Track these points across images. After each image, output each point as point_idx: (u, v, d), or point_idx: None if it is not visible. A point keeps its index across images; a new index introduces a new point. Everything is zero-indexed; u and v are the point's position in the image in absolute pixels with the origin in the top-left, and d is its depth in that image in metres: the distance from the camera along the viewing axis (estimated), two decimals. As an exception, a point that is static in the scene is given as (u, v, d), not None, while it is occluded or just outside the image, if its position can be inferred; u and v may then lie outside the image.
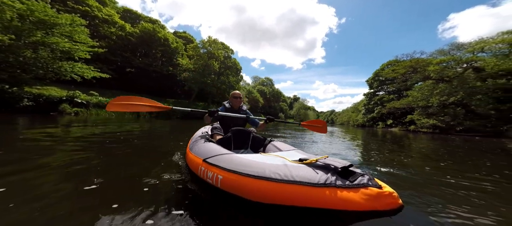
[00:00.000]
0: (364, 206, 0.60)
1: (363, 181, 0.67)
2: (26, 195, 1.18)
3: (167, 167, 1.89)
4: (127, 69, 18.57)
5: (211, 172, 1.02)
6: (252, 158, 1.05)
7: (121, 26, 18.64)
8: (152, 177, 1.56)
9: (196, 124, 11.55)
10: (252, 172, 0.84)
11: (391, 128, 24.11)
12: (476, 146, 6.04)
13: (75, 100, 10.11)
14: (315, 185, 0.70)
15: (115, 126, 6.04)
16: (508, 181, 2.18)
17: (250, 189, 0.80)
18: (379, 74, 30.03)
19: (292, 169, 0.80)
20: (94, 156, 2.21)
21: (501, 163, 3.37)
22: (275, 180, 0.76)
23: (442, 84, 15.74)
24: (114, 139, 3.59)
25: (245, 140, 1.98)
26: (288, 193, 0.72)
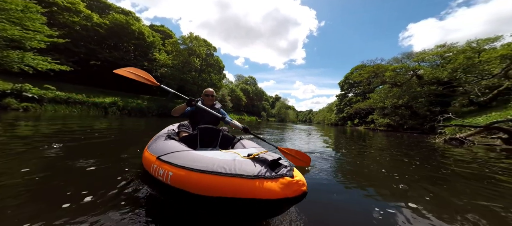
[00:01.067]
0: (279, 194, 0.66)
1: (283, 171, 0.74)
2: None
3: (121, 167, 1.77)
4: (92, 62, 16.94)
5: (163, 169, 1.01)
6: (207, 154, 1.07)
7: (87, 16, 16.90)
8: (101, 178, 1.49)
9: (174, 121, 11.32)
10: (200, 167, 0.86)
11: (358, 126, 27.02)
12: (411, 141, 7.35)
13: (24, 94, 8.97)
14: (249, 177, 0.75)
15: (74, 124, 5.38)
16: (415, 162, 3.16)
17: (197, 183, 0.82)
18: (349, 77, 33.16)
19: (238, 163, 0.84)
20: (34, 158, 1.94)
21: (415, 151, 4.54)
22: (220, 174, 0.79)
23: (395, 88, 18.35)
24: (68, 138, 3.07)
25: (213, 138, 1.94)
26: (229, 185, 0.75)
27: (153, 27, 32.94)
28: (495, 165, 2.97)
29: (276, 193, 0.67)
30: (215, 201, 0.79)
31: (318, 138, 6.68)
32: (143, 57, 22.87)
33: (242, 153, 1.10)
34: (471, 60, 14.49)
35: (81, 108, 11.28)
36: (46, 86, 10.65)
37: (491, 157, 3.71)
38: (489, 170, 2.63)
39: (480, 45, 15.75)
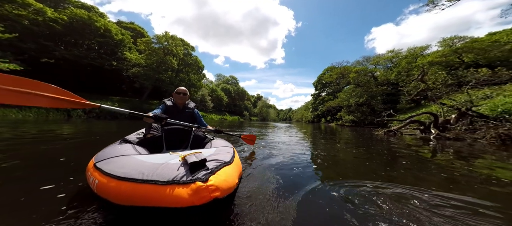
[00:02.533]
0: (185, 202, 0.60)
1: (199, 175, 0.68)
2: None
3: (66, 177, 1.56)
4: (43, 59, 15.08)
5: (93, 177, 0.92)
6: (144, 158, 0.99)
7: (39, 9, 14.95)
8: (37, 189, 1.30)
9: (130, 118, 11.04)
10: (121, 174, 0.79)
11: (330, 123, 29.87)
12: (364, 133, 9.19)
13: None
14: (162, 183, 0.68)
15: (28, 128, 4.79)
16: (358, 147, 4.01)
17: (114, 191, 0.75)
18: (321, 78, 36.34)
19: (163, 167, 0.78)
20: None
21: (363, 140, 5.82)
22: (136, 181, 0.72)
23: (358, 88, 21.12)
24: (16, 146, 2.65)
25: (183, 139, 1.84)
26: (141, 193, 0.69)
27: (121, 24, 30.47)
28: (414, 146, 4.30)
29: (183, 201, 0.61)
30: (131, 210, 0.72)
31: (296, 133, 7.59)
32: (111, 56, 21.16)
33: (185, 153, 1.00)
34: (410, 64, 17.88)
35: (37, 111, 10.17)
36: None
37: (411, 144, 5.16)
38: (410, 150, 3.86)
39: (416, 52, 19.49)
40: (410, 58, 18.70)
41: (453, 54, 14.89)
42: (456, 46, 16.79)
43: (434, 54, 16.24)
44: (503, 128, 4.67)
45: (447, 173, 2.22)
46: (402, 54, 20.56)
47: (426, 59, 16.04)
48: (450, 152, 3.68)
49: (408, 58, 18.79)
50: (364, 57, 24.91)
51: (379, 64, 22.04)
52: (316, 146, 4.23)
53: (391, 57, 20.88)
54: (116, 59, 21.33)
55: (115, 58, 21.33)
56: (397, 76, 18.28)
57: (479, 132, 5.27)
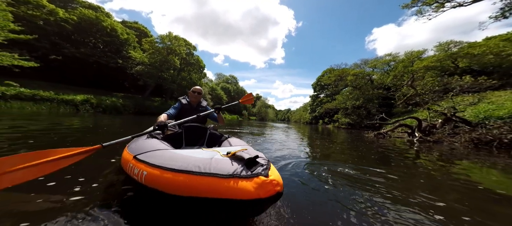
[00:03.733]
0: (251, 195, 0.64)
1: (258, 170, 0.72)
2: None
3: (98, 167, 1.73)
4: (52, 56, 15.73)
5: (138, 169, 0.98)
6: (185, 152, 1.04)
7: (51, 10, 15.60)
8: (78, 179, 1.43)
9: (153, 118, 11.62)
10: (174, 166, 0.83)
11: (328, 125, 30.36)
12: (358, 135, 9.80)
13: (-15, 91, 8.42)
14: (224, 176, 0.72)
15: (45, 122, 5.16)
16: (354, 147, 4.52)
17: (170, 182, 0.79)
18: (320, 80, 36.81)
19: (215, 162, 0.81)
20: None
21: (357, 142, 6.42)
22: (194, 173, 0.76)
23: (355, 91, 21.57)
24: (40, 137, 2.91)
25: (200, 137, 1.93)
26: (203, 185, 0.72)
27: (126, 23, 31.07)
28: (401, 147, 4.84)
29: (250, 193, 0.65)
30: (189, 201, 0.76)
31: (294, 135, 7.84)
32: (116, 54, 21.77)
33: (222, 151, 1.07)
34: (407, 68, 18.34)
35: (50, 105, 10.76)
36: (8, 82, 9.92)
37: (398, 145, 5.71)
38: (398, 149, 4.38)
39: (413, 56, 19.93)
40: (407, 62, 19.14)
41: (448, 59, 15.34)
42: (451, 51, 17.22)
43: (429, 59, 16.66)
44: (475, 133, 5.19)
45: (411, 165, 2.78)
46: (400, 58, 21.01)
47: (422, 63, 16.45)
48: (424, 152, 4.24)
49: (404, 62, 19.24)
50: (362, 60, 25.41)
51: (376, 68, 22.52)
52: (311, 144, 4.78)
53: (388, 60, 21.36)
54: (121, 57, 21.94)
55: (120, 56, 21.95)
56: (393, 80, 18.77)
57: (457, 137, 5.79)
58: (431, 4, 7.36)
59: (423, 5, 7.54)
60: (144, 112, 17.74)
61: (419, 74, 15.43)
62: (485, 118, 6.65)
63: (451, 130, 6.70)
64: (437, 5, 7.27)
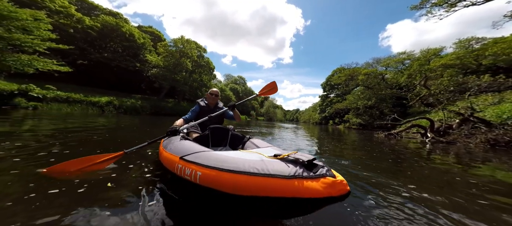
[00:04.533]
0: (322, 193, 0.68)
1: (322, 171, 0.76)
2: None
3: (138, 165, 1.84)
4: (79, 61, 17.31)
5: (189, 169, 1.04)
6: (231, 154, 1.10)
7: (79, 19, 17.20)
8: (123, 175, 1.54)
9: (167, 119, 12.43)
10: (231, 168, 0.88)
11: (338, 125, 29.80)
12: (369, 136, 9.77)
13: (30, 94, 9.63)
14: (286, 177, 0.76)
15: (81, 120, 6.02)
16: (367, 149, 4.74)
17: (230, 183, 0.84)
18: (330, 79, 36.20)
19: (268, 163, 0.85)
20: (58, 151, 2.09)
21: (368, 142, 6.57)
22: (253, 174, 0.81)
23: (367, 91, 21.06)
24: (83, 133, 3.46)
25: (223, 138, 2.00)
26: (264, 185, 0.76)
27: (142, 28, 32.89)
28: (414, 148, 4.99)
29: (320, 192, 0.68)
30: (251, 200, 0.80)
31: (303, 135, 7.97)
32: (134, 58, 23.25)
33: (265, 153, 1.13)
34: (423, 67, 17.58)
35: (80, 107, 11.96)
36: (47, 86, 11.21)
37: (410, 146, 5.78)
38: (410, 150, 4.51)
39: (430, 54, 19.02)
40: (423, 61, 18.34)
41: (470, 56, 14.47)
42: (473, 48, 16.25)
43: (448, 57, 15.86)
44: (492, 134, 5.10)
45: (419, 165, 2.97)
46: (415, 56, 20.16)
47: (440, 62, 15.71)
48: (437, 152, 4.32)
49: (420, 61, 18.45)
50: (374, 59, 24.70)
51: (390, 66, 21.77)
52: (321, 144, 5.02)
53: (402, 59, 20.57)
54: (138, 61, 23.40)
55: (137, 60, 23.41)
56: (407, 79, 18.08)
57: (473, 137, 5.69)
58: (441, 4, 7.19)
59: (433, 6, 7.38)
60: (159, 113, 18.85)
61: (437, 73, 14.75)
62: (508, 118, 6.39)
63: (468, 131, 6.55)
64: (449, 5, 7.09)
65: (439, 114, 9.36)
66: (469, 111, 6.85)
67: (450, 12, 7.29)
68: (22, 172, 1.51)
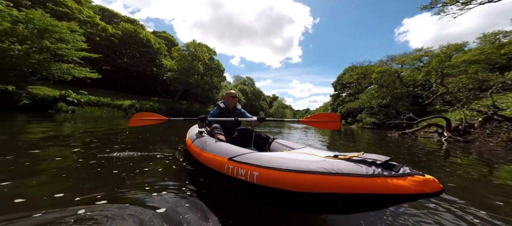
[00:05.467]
0: (414, 190, 0.68)
1: (406, 171, 0.74)
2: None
3: (177, 167, 1.93)
4: (103, 67, 18.92)
5: (243, 169, 1.06)
6: (281, 155, 1.12)
7: (103, 27, 18.83)
8: (164, 174, 1.65)
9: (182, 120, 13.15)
10: (293, 168, 0.88)
11: (350, 125, 29.05)
12: (383, 135, 9.71)
13: (67, 99, 10.92)
14: (364, 175, 0.74)
15: (112, 122, 6.73)
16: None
17: (297, 182, 0.84)
18: (341, 78, 35.39)
19: (335, 163, 0.84)
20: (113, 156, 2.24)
21: (383, 141, 6.51)
22: (323, 173, 0.79)
23: (382, 89, 20.44)
24: (120, 134, 3.88)
25: (248, 139, 2.06)
26: (339, 183, 0.76)
27: (156, 33, 34.73)
28: (431, 147, 5.05)
29: (409, 189, 0.68)
30: (323, 197, 0.79)
31: (315, 134, 8.18)
32: (151, 63, 24.75)
33: (321, 154, 1.16)
34: (443, 63, 16.68)
35: (107, 110, 13.19)
36: (81, 91, 12.55)
37: (427, 146, 5.81)
38: (427, 149, 4.64)
39: (450, 50, 17.99)
40: (443, 57, 17.40)
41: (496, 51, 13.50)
42: (500, 43, 15.14)
43: (471, 52, 14.92)
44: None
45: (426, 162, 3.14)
46: (433, 53, 19.18)
47: (462, 58, 14.82)
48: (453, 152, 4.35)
49: (440, 57, 17.53)
50: (388, 56, 23.84)
51: (405, 64, 20.89)
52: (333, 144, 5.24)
53: (419, 56, 19.66)
54: (155, 65, 24.87)
55: (154, 64, 24.90)
56: (425, 77, 17.27)
57: (495, 136, 5.52)
58: (453, 3, 6.94)
59: (445, 5, 7.15)
60: (174, 114, 19.95)
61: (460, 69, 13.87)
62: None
63: (490, 130, 6.33)
64: (463, 2, 6.83)
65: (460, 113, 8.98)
66: (491, 110, 6.59)
67: (465, 10, 7.05)
68: (88, 156, 2.13)
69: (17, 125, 4.76)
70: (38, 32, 8.59)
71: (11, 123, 5.05)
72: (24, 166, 1.72)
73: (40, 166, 1.77)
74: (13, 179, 1.44)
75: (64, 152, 2.32)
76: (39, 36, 8.69)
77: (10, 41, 7.75)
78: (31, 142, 2.83)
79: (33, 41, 8.50)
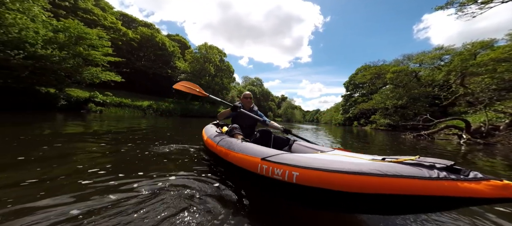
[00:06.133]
0: (492, 194, 0.65)
1: (478, 175, 0.70)
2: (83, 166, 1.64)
3: (205, 165, 2.03)
4: (124, 69, 20.35)
5: (279, 169, 1.07)
6: (317, 156, 1.13)
7: (124, 32, 20.34)
8: (193, 172, 1.73)
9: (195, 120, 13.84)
10: (340, 169, 0.87)
11: (363, 126, 28.05)
12: (397, 137, 9.42)
13: (95, 100, 12.07)
14: (428, 178, 0.71)
15: (134, 121, 7.29)
16: None
17: (347, 183, 0.83)
18: (353, 78, 34.35)
19: (388, 166, 0.82)
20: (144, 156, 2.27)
21: (398, 142, 6.52)
22: (379, 175, 0.78)
23: (397, 89, 19.62)
24: (145, 133, 4.19)
25: (267, 140, 2.09)
26: (398, 185, 0.74)
27: (170, 36, 36.39)
28: (450, 150, 4.96)
29: (485, 193, 0.66)
30: (380, 198, 0.78)
31: (326, 136, 8.00)
32: (166, 65, 26.09)
33: (364, 157, 1.16)
34: (467, 62, 15.58)
35: (129, 110, 14.27)
36: (106, 93, 13.75)
37: (444, 148, 5.70)
38: (445, 152, 4.48)
39: (475, 47, 16.72)
40: (467, 55, 16.24)
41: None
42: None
43: (500, 50, 13.79)
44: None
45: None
46: (455, 51, 17.96)
47: (489, 56, 13.75)
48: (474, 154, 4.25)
49: (463, 55, 16.37)
50: (404, 55, 22.70)
51: (424, 63, 19.79)
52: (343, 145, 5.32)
53: (439, 54, 18.53)
54: (170, 67, 26.18)
55: (169, 67, 26.21)
56: (447, 76, 16.26)
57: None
58: (472, 3, 6.54)
59: (462, 5, 6.77)
60: (187, 114, 20.91)
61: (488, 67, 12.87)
62: None
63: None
64: (483, 1, 6.42)
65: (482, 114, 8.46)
66: (519, 112, 6.22)
67: (485, 9, 6.65)
68: (117, 151, 2.44)
69: (58, 123, 5.28)
70: (74, 39, 9.64)
71: (53, 121, 5.64)
72: (70, 156, 2.09)
73: (80, 155, 2.13)
74: (62, 165, 1.75)
75: (98, 146, 2.61)
76: (74, 43, 9.75)
77: (52, 48, 8.82)
78: (77, 136, 3.40)
79: (69, 47, 9.57)
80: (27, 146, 2.36)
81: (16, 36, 7.59)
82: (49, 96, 9.48)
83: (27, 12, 8.25)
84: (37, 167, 1.64)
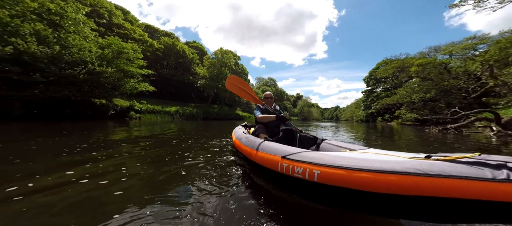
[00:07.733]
0: None
1: None
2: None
3: (233, 166, 2.06)
4: (152, 78, 22.36)
5: (300, 167, 1.03)
6: (343, 154, 1.08)
7: (151, 43, 22.45)
8: (221, 171, 1.83)
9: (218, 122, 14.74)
10: (366, 167, 0.81)
11: (389, 122, 26.17)
12: (422, 131, 9.12)
13: (134, 108, 13.73)
14: (492, 180, 0.61)
15: (165, 126, 7.92)
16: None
17: (374, 183, 0.76)
18: (374, 73, 32.73)
19: (432, 164, 0.72)
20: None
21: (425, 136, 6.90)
22: (417, 174, 0.70)
23: (424, 82, 18.44)
24: (180, 136, 4.54)
25: (292, 139, 2.08)
26: (438, 186, 0.66)
27: (188, 44, 38.61)
28: (481, 144, 4.75)
29: None
30: (419, 201, 0.70)
31: (346, 133, 7.96)
32: (187, 72, 27.89)
33: (403, 155, 1.06)
34: (506, 51, 14.04)
35: (160, 116, 15.84)
36: (142, 101, 15.47)
37: (477, 139, 5.61)
38: (473, 144, 4.57)
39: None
40: (505, 43, 14.61)
41: None
42: None
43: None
44: None
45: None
46: (491, 39, 16.24)
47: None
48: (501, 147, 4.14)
49: (501, 43, 14.76)
50: (430, 47, 21.11)
51: (454, 54, 18.20)
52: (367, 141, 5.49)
53: (472, 44, 16.90)
54: (190, 74, 27.94)
55: (190, 73, 27.99)
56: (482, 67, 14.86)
57: None
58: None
59: (478, 1, 6.23)
60: (208, 117, 22.22)
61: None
62: None
63: None
64: None
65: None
66: None
67: (506, 3, 6.12)
68: (171, 149, 3.00)
69: (111, 130, 5.99)
70: (116, 54, 11.13)
71: (108, 129, 6.26)
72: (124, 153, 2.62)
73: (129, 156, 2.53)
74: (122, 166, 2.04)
75: (143, 148, 3.05)
76: (116, 58, 11.26)
77: (104, 64, 10.36)
78: (131, 139, 4.01)
79: (112, 62, 11.08)
80: (107, 147, 3.05)
81: (78, 56, 9.16)
82: (102, 107, 11.19)
83: (81, 34, 9.86)
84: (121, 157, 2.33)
